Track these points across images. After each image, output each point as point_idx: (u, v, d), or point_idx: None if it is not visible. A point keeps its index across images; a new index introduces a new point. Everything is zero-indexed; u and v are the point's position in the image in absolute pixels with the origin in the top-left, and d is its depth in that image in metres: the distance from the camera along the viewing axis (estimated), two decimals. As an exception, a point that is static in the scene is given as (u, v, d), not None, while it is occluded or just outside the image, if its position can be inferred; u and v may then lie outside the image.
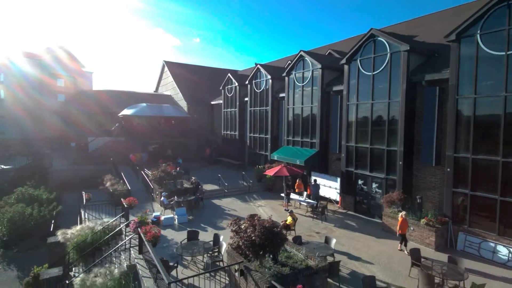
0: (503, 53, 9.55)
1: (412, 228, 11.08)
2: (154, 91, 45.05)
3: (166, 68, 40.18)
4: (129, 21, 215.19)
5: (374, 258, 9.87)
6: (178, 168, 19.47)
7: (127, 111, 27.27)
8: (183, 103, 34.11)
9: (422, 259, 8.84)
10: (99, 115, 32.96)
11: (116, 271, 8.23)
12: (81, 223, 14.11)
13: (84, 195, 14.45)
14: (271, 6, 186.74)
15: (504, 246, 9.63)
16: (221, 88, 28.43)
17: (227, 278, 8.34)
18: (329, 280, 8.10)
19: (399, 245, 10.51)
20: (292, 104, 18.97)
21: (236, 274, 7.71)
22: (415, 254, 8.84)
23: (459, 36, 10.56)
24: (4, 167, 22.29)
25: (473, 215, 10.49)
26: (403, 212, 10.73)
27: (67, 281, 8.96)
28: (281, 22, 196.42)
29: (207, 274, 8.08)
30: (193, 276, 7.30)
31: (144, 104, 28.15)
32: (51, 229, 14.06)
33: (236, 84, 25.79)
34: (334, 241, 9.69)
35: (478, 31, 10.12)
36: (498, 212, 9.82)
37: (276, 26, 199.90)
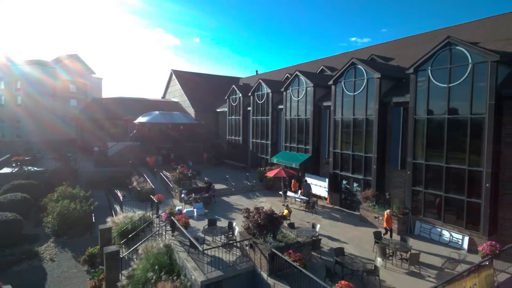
0: (446, 85, 12.69)
1: (380, 218, 14.25)
2: (162, 97, 48.25)
3: (173, 76, 43.35)
4: (128, 22, 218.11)
5: (349, 239, 13.01)
6: (190, 170, 22.60)
7: (142, 119, 30.41)
8: (190, 110, 37.25)
9: (382, 239, 11.99)
10: (115, 121, 36.11)
11: (161, 244, 11.44)
12: (115, 215, 17.34)
13: (119, 192, 17.61)
14: (269, 7, 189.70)
15: (447, 230, 12.78)
16: (226, 97, 31.57)
17: (239, 252, 11.47)
18: (313, 252, 11.24)
19: (389, 237, 13.16)
20: (289, 115, 22.13)
21: (247, 247, 10.86)
22: (377, 235, 11.99)
23: (416, 70, 13.71)
24: (37, 168, 25.45)
25: (426, 207, 13.65)
26: (388, 210, 13.40)
27: (121, 255, 12.13)
28: (279, 23, 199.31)
29: (224, 249, 11.25)
30: (215, 247, 10.49)
31: (157, 112, 31.28)
32: (93, 220, 17.28)
33: (240, 95, 28.95)
34: (318, 226, 12.85)
35: (429, 67, 13.27)
36: (443, 205, 12.97)
37: (274, 26, 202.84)
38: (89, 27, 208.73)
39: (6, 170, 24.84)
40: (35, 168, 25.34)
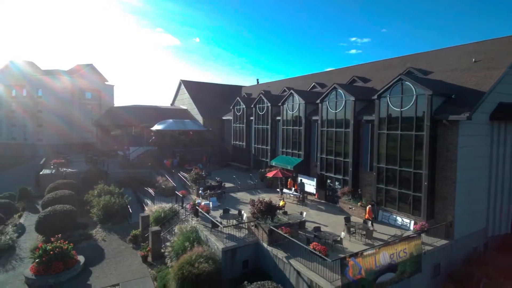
0: (399, 109, 17.18)
1: (353, 208, 18.76)
2: (171, 104, 52.78)
3: (182, 86, 47.89)
4: (128, 22, 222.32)
5: (328, 223, 17.49)
6: (203, 171, 27.06)
7: (158, 126, 34.92)
8: (199, 117, 41.74)
9: (351, 222, 16.49)
10: (131, 127, 40.62)
11: (189, 226, 15.96)
12: (146, 207, 21.86)
13: (150, 189, 22.15)
14: (269, 8, 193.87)
15: (400, 217, 17.26)
16: (231, 107, 36.04)
17: (246, 231, 15.93)
18: (299, 231, 15.72)
19: (371, 226, 17.44)
20: (286, 125, 26.63)
21: (253, 227, 15.36)
22: (347, 219, 16.50)
23: (379, 97, 18.18)
24: (72, 170, 29.95)
25: (386, 200, 18.13)
26: (369, 206, 17.68)
27: (161, 234, 16.64)
28: (279, 23, 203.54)
29: (236, 229, 15.72)
30: (232, 225, 15.01)
31: (171, 120, 35.78)
32: (130, 211, 21.79)
33: (244, 106, 33.44)
34: (305, 213, 17.37)
35: (388, 95, 17.75)
36: (397, 198, 17.46)
37: (274, 26, 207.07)
38: (88, 27, 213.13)
39: (46, 171, 29.36)
40: (70, 170, 29.85)
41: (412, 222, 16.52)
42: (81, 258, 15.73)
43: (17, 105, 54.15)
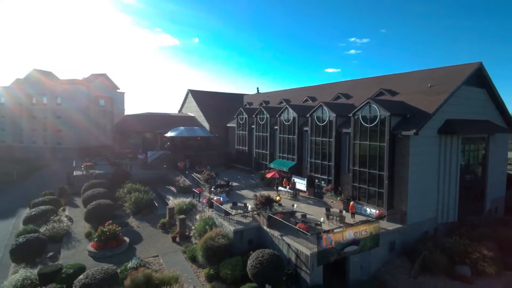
0: (368, 125, 22.30)
1: (334, 202, 23.89)
2: (179, 111, 57.85)
3: (189, 95, 52.98)
4: (128, 22, 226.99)
5: (313, 213, 22.57)
6: (213, 172, 32.09)
7: (171, 133, 39.96)
8: (205, 124, 46.80)
9: (330, 211, 21.62)
10: (145, 133, 45.67)
11: (207, 215, 21.10)
12: (168, 201, 26.94)
13: (172, 187, 27.25)
14: (269, 8, 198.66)
15: (369, 208, 22.38)
16: (235, 116, 41.12)
17: (251, 218, 21.01)
18: (291, 218, 20.82)
19: (352, 218, 22.57)
20: (282, 134, 31.77)
21: (256, 215, 20.47)
22: (327, 210, 21.63)
23: (353, 115, 23.30)
24: (99, 171, 34.97)
25: (359, 195, 23.25)
26: (352, 202, 22.82)
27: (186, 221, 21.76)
28: (278, 23, 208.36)
29: (243, 217, 20.80)
30: (240, 213, 20.15)
31: (182, 128, 40.84)
32: (156, 205, 26.86)
33: (246, 115, 38.53)
34: (295, 205, 22.52)
35: (360, 114, 22.85)
36: (367, 194, 22.60)
37: (274, 26, 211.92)
38: (87, 27, 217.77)
39: (78, 173, 34.43)
40: (98, 171, 34.90)
41: (377, 212, 21.65)
42: (126, 239, 20.81)
43: (37, 111, 59.24)
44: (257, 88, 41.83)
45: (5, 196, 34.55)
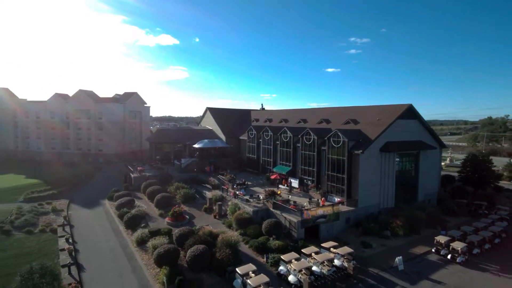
0: (336, 146, 35.32)
1: (315, 195, 36.92)
2: (198, 124, 70.97)
3: (208, 112, 66.08)
4: (127, 22, 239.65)
5: (301, 201, 35.54)
6: (233, 175, 45.03)
7: (198, 145, 52.99)
8: (222, 136, 59.83)
9: (311, 200, 34.66)
10: (175, 143, 58.69)
11: (234, 202, 34.32)
12: (205, 194, 40.15)
13: (207, 185, 40.36)
14: (269, 8, 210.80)
15: (336, 197, 35.37)
16: (246, 131, 54.19)
17: (262, 204, 34.01)
18: (287, 204, 33.83)
19: (322, 203, 35.84)
20: (282, 147, 44.85)
21: (265, 201, 33.56)
22: (310, 199, 34.66)
23: (328, 138, 36.28)
24: (149, 174, 48.00)
25: (331, 189, 36.27)
26: (323, 198, 35.82)
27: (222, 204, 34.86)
28: (278, 23, 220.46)
29: (257, 203, 33.82)
30: (254, 200, 33.28)
31: (206, 140, 53.88)
32: (197, 196, 40.04)
33: (255, 132, 51.57)
34: (290, 196, 35.65)
35: (331, 138, 35.86)
36: (335, 189, 35.63)
37: (274, 27, 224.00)
38: (86, 27, 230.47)
39: (135, 174, 47.54)
40: (148, 174, 47.95)
41: (340, 199, 34.66)
42: (186, 216, 33.89)
43: (82, 124, 72.45)
44: (262, 104, 54.12)
45: (86, 192, 47.89)
